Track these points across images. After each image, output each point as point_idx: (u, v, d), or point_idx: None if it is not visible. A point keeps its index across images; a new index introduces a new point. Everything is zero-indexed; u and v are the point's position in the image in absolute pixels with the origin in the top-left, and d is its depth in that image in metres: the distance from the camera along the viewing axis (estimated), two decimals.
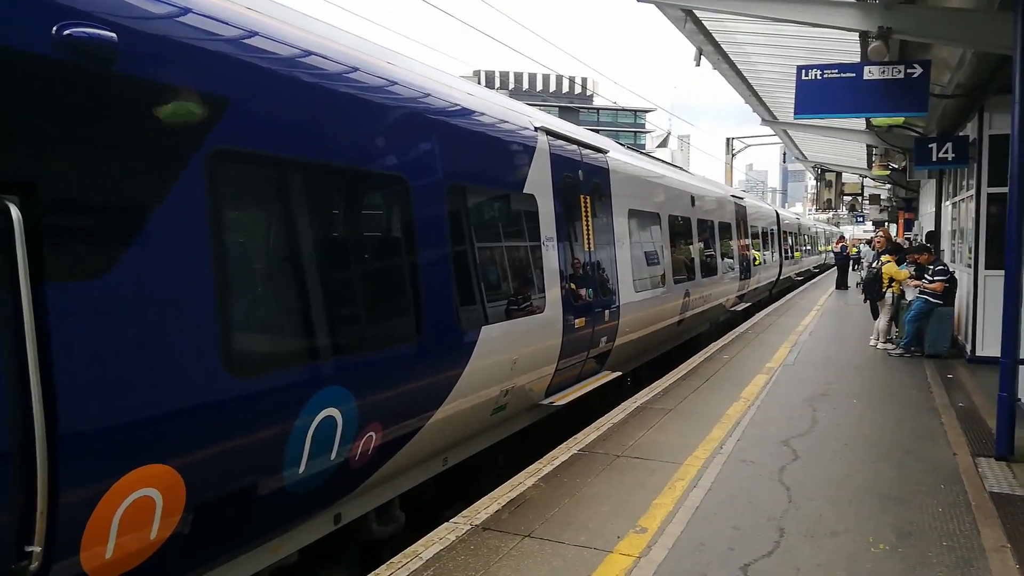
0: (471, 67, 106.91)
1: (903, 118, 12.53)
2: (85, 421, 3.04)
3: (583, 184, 8.40)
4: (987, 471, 6.25)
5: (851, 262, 29.26)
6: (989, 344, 10.76)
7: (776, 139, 36.77)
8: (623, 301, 9.29)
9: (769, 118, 18.57)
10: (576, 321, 7.80)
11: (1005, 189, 10.11)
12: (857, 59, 10.72)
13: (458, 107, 6.13)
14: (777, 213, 26.77)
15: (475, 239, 6.18)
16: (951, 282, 11.68)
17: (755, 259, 19.69)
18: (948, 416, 8.06)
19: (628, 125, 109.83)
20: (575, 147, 8.33)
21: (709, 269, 14.41)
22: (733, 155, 42.71)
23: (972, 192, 11.50)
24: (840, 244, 30.72)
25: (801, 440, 7.12)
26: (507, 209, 7.03)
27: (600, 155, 9.16)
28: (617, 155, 10.03)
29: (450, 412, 5.65)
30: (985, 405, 8.44)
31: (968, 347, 11.44)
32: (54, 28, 2.93)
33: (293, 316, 4.38)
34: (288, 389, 4.10)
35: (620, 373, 9.45)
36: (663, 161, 15.34)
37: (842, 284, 26.56)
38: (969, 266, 11.64)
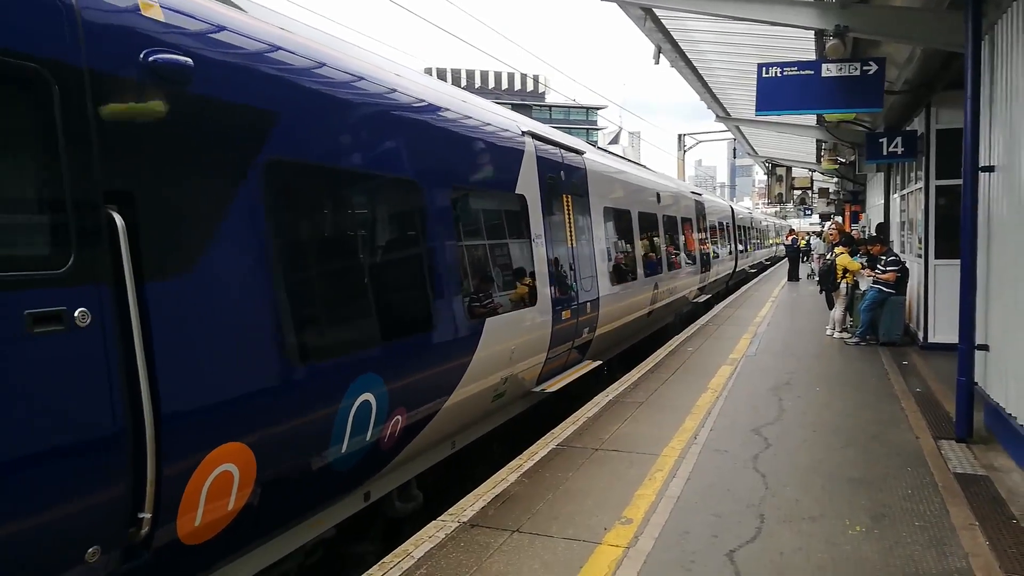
0: (423, 63, 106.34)
1: (854, 114, 12.96)
2: (183, 402, 3.44)
3: (564, 184, 8.88)
4: (949, 453, 6.51)
5: (801, 254, 30.03)
6: (941, 331, 11.19)
7: (726, 135, 37.49)
8: (602, 294, 9.75)
9: (723, 115, 18.93)
10: (563, 313, 8.27)
11: (953, 181, 10.56)
12: (810, 58, 11.05)
13: (461, 116, 6.59)
14: (732, 208, 27.52)
15: (479, 237, 6.85)
16: (903, 272, 12.10)
17: (713, 253, 20.41)
18: (907, 401, 8.36)
19: (580, 122, 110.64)
20: (557, 149, 8.79)
21: (674, 263, 14.95)
22: (685, 151, 43.37)
23: (921, 185, 11.92)
24: (791, 237, 31.49)
25: (771, 428, 7.31)
26: (504, 209, 7.52)
27: (578, 156, 9.64)
28: (592, 156, 10.54)
29: (460, 397, 6.13)
30: (941, 390, 8.78)
31: (920, 334, 11.87)
32: (141, 55, 3.35)
33: (336, 308, 4.83)
34: (334, 375, 4.54)
35: (601, 362, 9.91)
36: (631, 160, 15.84)
37: (794, 276, 27.17)
38: (919, 256, 12.06)
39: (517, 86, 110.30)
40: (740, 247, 27.44)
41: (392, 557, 4.59)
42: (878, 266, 12.42)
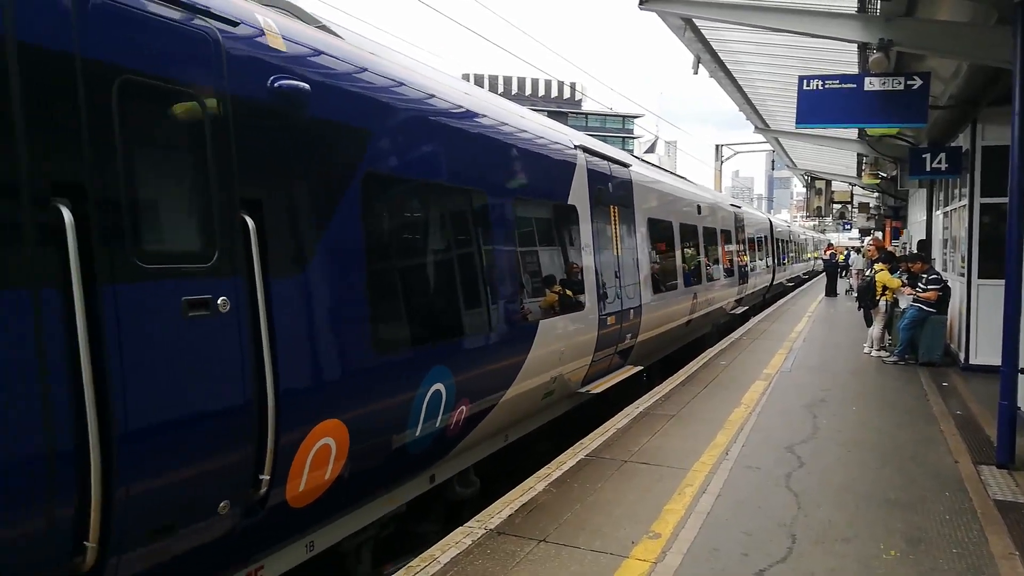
0: (461, 69, 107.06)
1: (897, 129, 12.73)
2: (297, 381, 4.01)
3: (611, 195, 9.31)
4: (989, 479, 6.34)
5: (839, 269, 29.54)
6: (983, 352, 10.91)
7: (764, 146, 37.08)
8: (644, 301, 10.15)
9: (762, 126, 18.75)
10: (608, 319, 8.71)
11: (998, 200, 10.33)
12: (851, 71, 10.90)
13: (521, 131, 7.11)
14: (770, 221, 27.32)
15: (536, 244, 7.37)
16: (944, 291, 11.83)
17: (750, 265, 20.50)
18: (946, 423, 8.17)
19: (617, 130, 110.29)
20: (605, 162, 9.25)
21: (713, 274, 15.18)
22: (722, 162, 43.01)
23: (965, 202, 11.66)
24: (829, 251, 31.00)
25: (804, 446, 7.20)
26: (558, 218, 7.96)
27: (624, 168, 10.06)
28: (638, 168, 11.00)
29: (516, 393, 6.63)
30: (982, 413, 8.57)
31: (961, 355, 11.59)
32: (269, 81, 3.92)
33: (416, 305, 5.41)
34: (414, 364, 5.10)
35: (642, 368, 10.28)
36: (673, 172, 16.29)
37: (831, 291, 26.72)
38: (962, 275, 11.79)
39: (554, 93, 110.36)
40: (777, 260, 27.30)
41: (419, 561, 4.61)
42: (919, 284, 12.17)
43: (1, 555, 2.75)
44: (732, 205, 19.68)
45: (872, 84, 8.54)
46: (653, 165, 14.19)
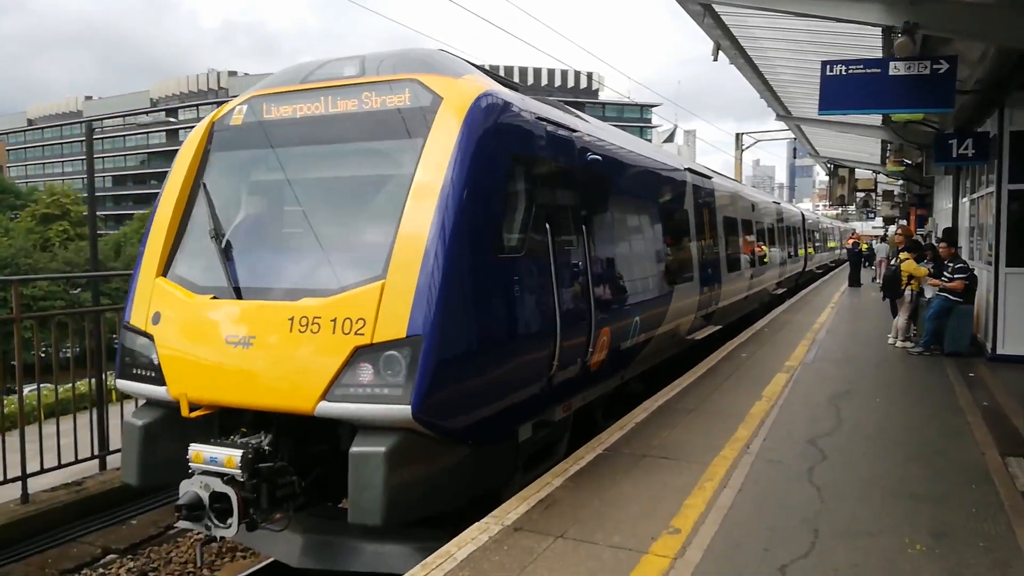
0: (478, 59, 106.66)
1: (922, 114, 12.47)
2: (605, 307, 7.22)
3: (703, 202, 12.43)
4: (1017, 471, 6.20)
5: (863, 258, 29.13)
6: (1011, 342, 10.71)
7: (786, 134, 36.61)
8: (722, 278, 13.07)
9: (783, 113, 18.50)
10: (704, 288, 11.61)
11: None
12: (874, 55, 10.67)
13: (662, 163, 10.62)
14: (803, 214, 29.33)
15: (670, 237, 10.12)
16: (971, 280, 11.59)
17: (788, 253, 23.62)
18: (973, 415, 8.00)
19: (635, 119, 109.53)
20: (700, 177, 12.44)
21: (762, 259, 18.09)
22: (743, 150, 42.54)
23: (992, 189, 11.41)
24: (852, 240, 30.58)
25: (827, 439, 7.08)
26: (679, 219, 10.96)
27: (708, 180, 13.15)
28: (716, 180, 14.23)
29: (662, 331, 9.49)
30: (1009, 404, 8.39)
31: (989, 345, 11.36)
32: (584, 156, 7.23)
33: (631, 276, 8.30)
34: (632, 301, 8.19)
35: (720, 326, 13.19)
36: (732, 179, 20.11)
37: (855, 281, 26.36)
38: (989, 264, 11.56)
39: (571, 83, 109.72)
40: (809, 249, 29.70)
41: (435, 558, 4.58)
42: (944, 273, 11.93)
43: (538, 364, 6.02)
44: (775, 202, 23.27)
45: (897, 69, 8.33)
46: (720, 174, 16.82)
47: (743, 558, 4.59)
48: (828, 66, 8.68)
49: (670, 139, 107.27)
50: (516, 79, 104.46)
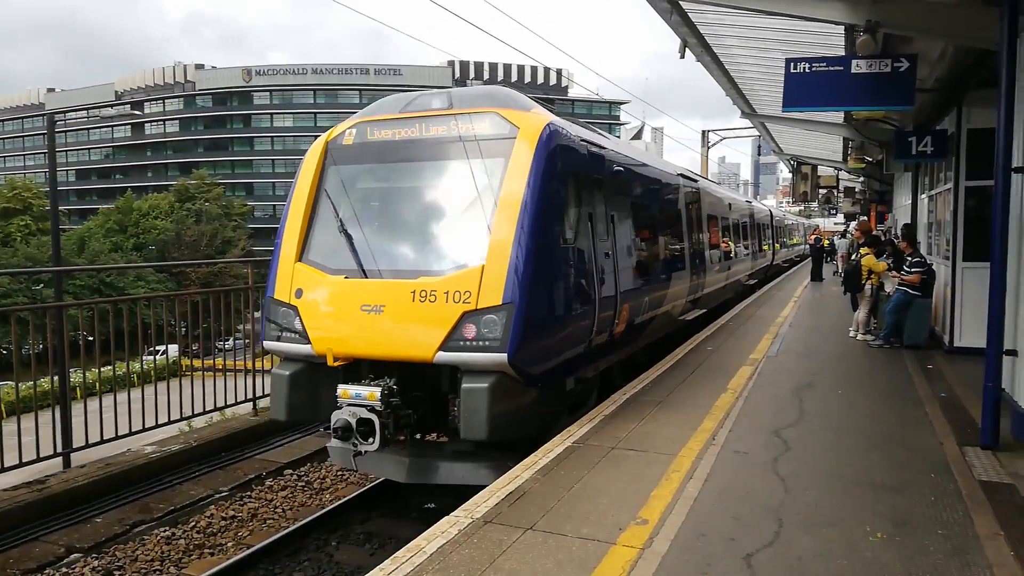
0: (444, 56, 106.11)
1: (883, 112, 12.72)
2: (626, 288, 8.76)
3: (692, 202, 14.02)
4: (974, 460, 6.37)
5: (824, 254, 29.66)
6: (967, 335, 10.97)
7: (751, 132, 37.08)
8: (707, 268, 14.56)
9: (748, 111, 18.69)
10: (694, 277, 13.24)
11: (983, 183, 10.33)
12: (839, 53, 10.84)
13: (664, 170, 12.61)
14: (771, 211, 30.79)
15: (668, 234, 11.88)
16: (929, 274, 11.86)
17: (759, 247, 25.11)
18: (932, 406, 8.20)
19: (603, 117, 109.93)
20: (689, 181, 14.17)
21: (737, 253, 19.77)
22: (708, 147, 42.97)
23: (950, 185, 11.68)
24: (814, 236, 31.11)
25: (791, 430, 7.20)
26: (675, 218, 12.66)
27: (695, 183, 14.91)
28: (702, 183, 16.21)
29: (663, 311, 11.06)
30: (966, 395, 8.60)
31: (946, 338, 11.64)
32: (611, 169, 9.08)
33: (642, 263, 9.92)
34: (646, 284, 9.88)
35: (706, 310, 14.86)
36: (710, 180, 22.26)
37: (817, 276, 26.81)
38: (947, 258, 11.83)
39: (540, 80, 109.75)
40: (776, 244, 31.32)
41: (405, 552, 4.56)
42: (904, 267, 12.19)
43: (584, 330, 7.64)
44: (747, 202, 24.57)
45: (859, 67, 8.48)
46: (704, 178, 19.62)
47: (710, 547, 4.64)
48: (792, 63, 8.80)
49: (638, 136, 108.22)
50: (486, 75, 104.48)
